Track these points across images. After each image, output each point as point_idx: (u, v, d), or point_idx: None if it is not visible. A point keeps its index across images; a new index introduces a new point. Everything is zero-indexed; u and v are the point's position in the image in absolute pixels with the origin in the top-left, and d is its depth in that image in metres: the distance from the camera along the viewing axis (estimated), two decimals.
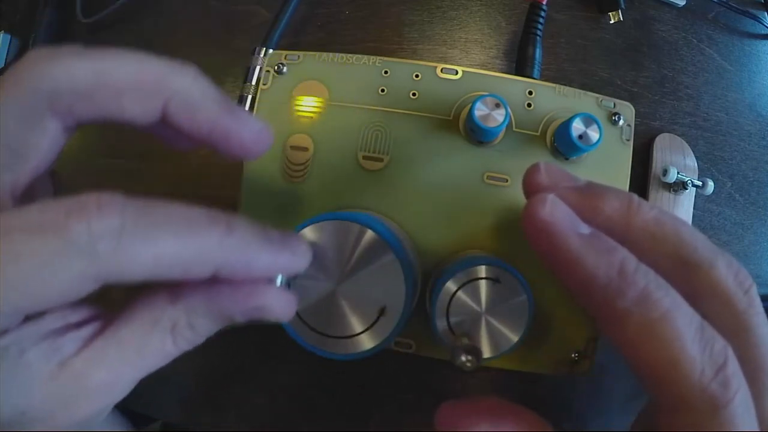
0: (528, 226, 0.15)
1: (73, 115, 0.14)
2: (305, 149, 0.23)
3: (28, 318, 0.13)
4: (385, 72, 0.23)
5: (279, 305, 0.15)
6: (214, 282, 0.14)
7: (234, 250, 0.14)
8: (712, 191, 0.24)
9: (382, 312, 0.17)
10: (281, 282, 0.16)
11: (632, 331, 0.13)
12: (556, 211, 0.14)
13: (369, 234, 0.17)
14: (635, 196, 0.15)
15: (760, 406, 0.14)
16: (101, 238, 0.12)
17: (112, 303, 0.15)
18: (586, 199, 0.15)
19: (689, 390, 0.13)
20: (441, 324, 0.18)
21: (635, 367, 0.14)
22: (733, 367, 0.13)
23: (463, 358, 0.16)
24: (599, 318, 0.14)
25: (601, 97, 0.23)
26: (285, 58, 0.23)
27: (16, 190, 0.14)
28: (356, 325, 0.18)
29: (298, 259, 0.15)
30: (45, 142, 0.14)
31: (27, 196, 0.15)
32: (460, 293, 0.18)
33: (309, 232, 0.17)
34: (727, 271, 0.14)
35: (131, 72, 0.14)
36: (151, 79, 0.14)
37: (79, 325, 0.14)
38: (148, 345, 0.14)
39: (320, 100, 0.23)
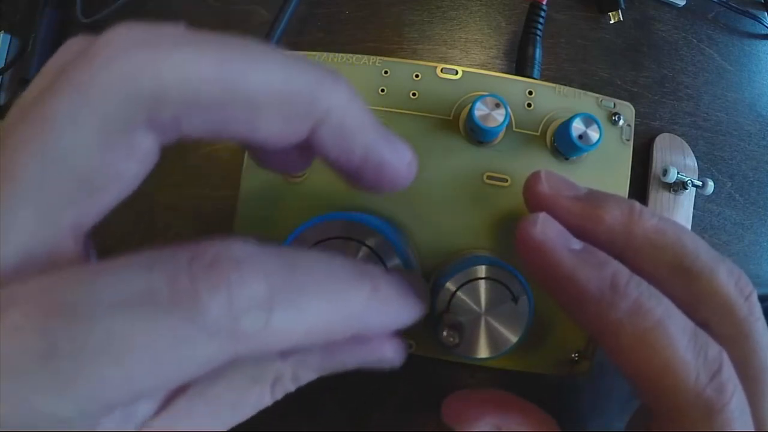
0: (521, 246, 0.15)
1: (180, 129, 0.10)
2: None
3: None
4: (385, 72, 0.23)
5: (396, 353, 0.14)
6: None
7: (378, 313, 0.12)
8: (712, 191, 0.24)
9: None
10: None
11: (626, 341, 0.13)
12: (547, 230, 0.14)
13: (371, 234, 0.17)
14: (636, 204, 0.15)
15: (761, 410, 0.14)
16: (247, 313, 0.09)
17: None
18: (588, 207, 0.15)
19: (684, 395, 0.13)
20: (441, 324, 0.18)
21: (630, 376, 0.14)
22: (728, 372, 0.13)
23: (445, 333, 0.16)
24: (593, 331, 0.14)
25: (601, 97, 0.23)
26: None
27: (79, 229, 0.10)
28: None
29: (421, 313, 0.14)
30: (131, 167, 0.10)
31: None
32: (460, 293, 0.18)
33: (311, 233, 0.17)
34: (728, 279, 0.14)
35: (276, 77, 0.10)
36: (302, 91, 0.10)
37: None
38: (245, 401, 0.12)
39: None
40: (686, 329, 0.13)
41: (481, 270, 0.18)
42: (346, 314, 0.11)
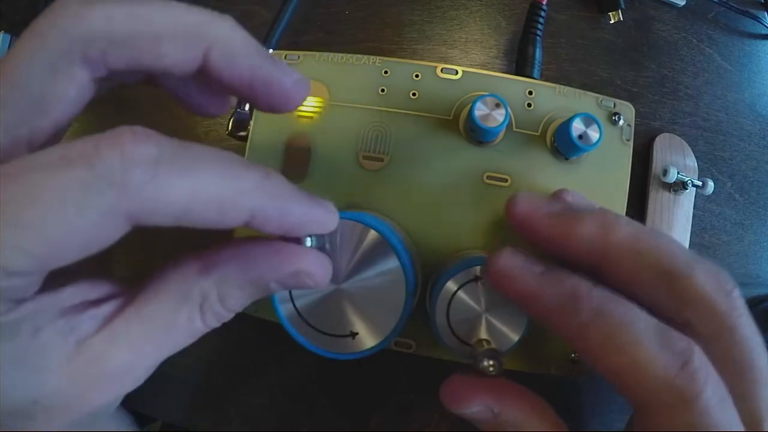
0: (492, 277, 0.17)
1: (106, 63, 0.13)
2: (305, 149, 0.23)
3: (44, 289, 0.12)
4: (385, 72, 0.23)
5: (318, 269, 0.15)
6: (245, 249, 0.14)
7: (271, 196, 0.13)
8: (712, 191, 0.24)
9: (382, 312, 0.17)
10: (312, 244, 0.15)
11: (593, 343, 0.14)
12: (511, 261, 0.16)
13: (371, 234, 0.17)
14: (610, 214, 0.16)
15: (750, 403, 0.14)
16: (136, 166, 0.11)
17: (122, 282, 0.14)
18: (563, 223, 0.16)
19: (656, 387, 0.13)
20: (441, 324, 0.18)
21: (604, 375, 0.14)
22: (700, 361, 0.14)
23: (486, 363, 0.17)
24: (565, 338, 0.15)
25: (601, 97, 0.23)
26: (285, 58, 0.23)
27: (33, 143, 0.13)
28: (357, 324, 0.18)
29: (329, 216, 0.15)
30: (71, 92, 0.13)
31: None
32: (460, 293, 0.18)
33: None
34: (707, 277, 0.15)
35: (171, 17, 0.13)
36: (192, 25, 0.13)
37: (98, 302, 0.13)
38: (175, 322, 0.13)
39: (320, 100, 0.23)
40: (650, 326, 0.14)
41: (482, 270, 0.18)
42: (236, 189, 0.12)
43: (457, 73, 0.23)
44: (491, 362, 0.17)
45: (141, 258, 0.25)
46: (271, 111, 0.15)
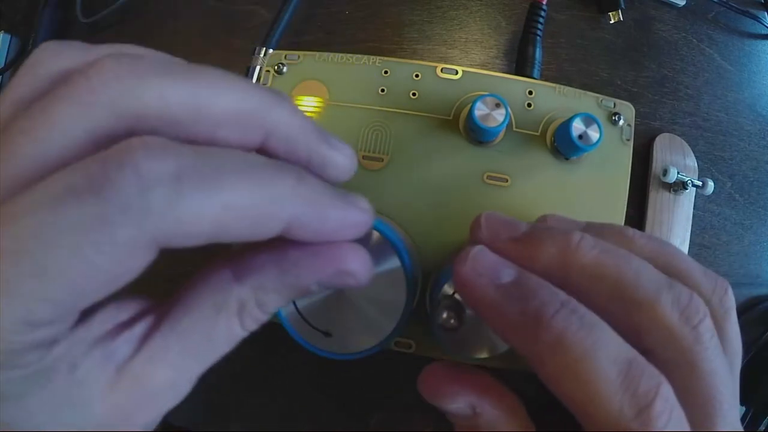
0: (454, 284, 0.15)
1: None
2: None
3: (74, 324, 0.11)
4: (385, 72, 0.23)
5: (360, 266, 0.14)
6: (282, 251, 0.13)
7: (307, 201, 0.12)
8: (712, 191, 0.24)
9: (382, 312, 0.17)
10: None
11: (550, 371, 0.13)
12: (477, 266, 0.15)
13: (371, 234, 0.17)
14: (575, 237, 0.15)
15: None
16: (156, 186, 0.10)
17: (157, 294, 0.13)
18: (524, 248, 0.15)
19: (608, 427, 0.13)
20: (441, 324, 0.18)
21: (559, 399, 0.14)
22: (662, 405, 0.13)
23: (445, 315, 0.16)
24: (523, 357, 0.14)
25: (601, 97, 0.23)
26: (285, 58, 0.23)
27: None
28: (357, 325, 0.18)
29: (365, 217, 0.14)
30: None
31: None
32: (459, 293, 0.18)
33: None
34: (672, 308, 0.14)
35: (232, 101, 0.12)
36: (252, 111, 0.12)
37: (130, 322, 0.12)
38: (215, 332, 0.12)
39: (320, 100, 0.23)
40: (618, 360, 0.13)
41: None
42: (270, 197, 0.11)
43: (457, 73, 0.23)
44: (451, 314, 0.16)
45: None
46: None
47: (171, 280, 0.14)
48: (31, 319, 0.10)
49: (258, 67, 0.24)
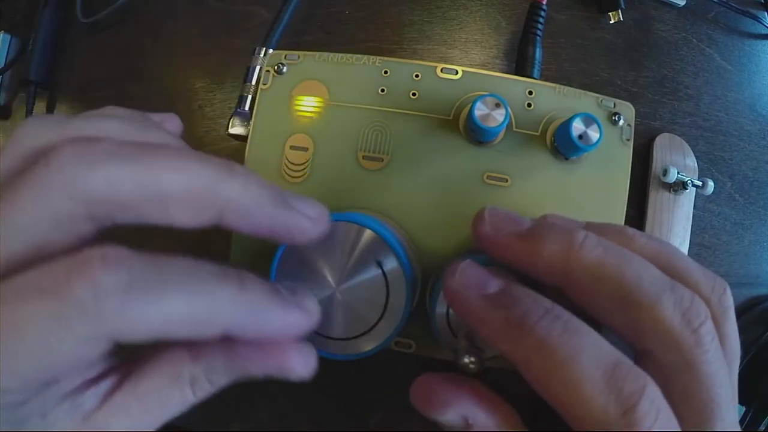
0: (444, 296, 0.16)
1: (113, 220, 0.13)
2: (305, 149, 0.23)
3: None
4: (385, 72, 0.23)
5: (299, 364, 0.15)
6: (232, 342, 0.14)
7: (245, 310, 0.13)
8: (712, 191, 0.24)
9: (382, 312, 0.17)
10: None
11: (535, 375, 0.14)
12: (463, 279, 0.15)
13: (370, 235, 0.17)
14: (579, 236, 0.15)
15: None
16: (107, 296, 0.11)
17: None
18: (527, 244, 0.16)
19: (593, 427, 0.13)
20: (441, 324, 0.18)
21: (547, 402, 0.14)
22: (649, 405, 0.13)
23: (466, 360, 0.16)
24: (511, 362, 0.15)
25: (601, 97, 0.23)
26: (285, 58, 0.23)
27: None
28: (356, 325, 0.18)
29: (307, 318, 0.15)
30: (75, 244, 0.13)
31: None
32: None
33: None
34: (673, 310, 0.14)
35: (180, 180, 0.13)
36: (202, 188, 0.13)
37: (97, 379, 0.14)
38: (169, 397, 0.14)
39: (320, 100, 0.23)
40: (602, 363, 0.13)
41: None
42: (211, 309, 0.13)
43: (457, 73, 0.23)
44: (472, 359, 0.16)
45: None
46: (294, 244, 0.16)
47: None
48: (1, 387, 0.11)
49: (258, 67, 0.24)
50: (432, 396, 0.16)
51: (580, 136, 0.20)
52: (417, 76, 0.23)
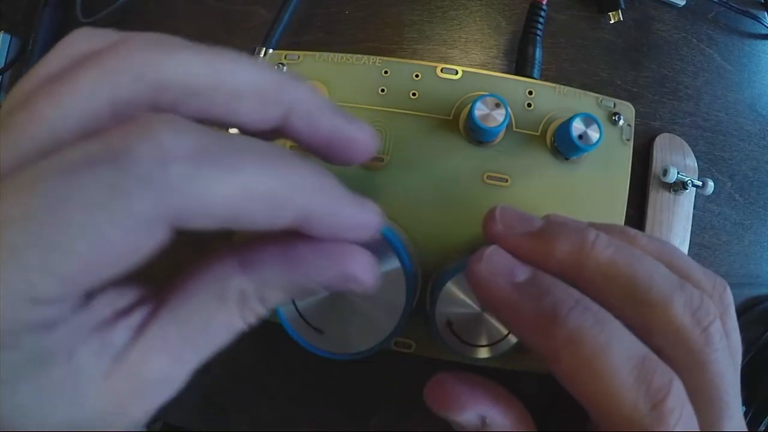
0: (470, 283, 0.16)
1: (175, 111, 0.12)
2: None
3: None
4: (385, 72, 0.23)
5: (367, 274, 0.13)
6: (290, 245, 0.13)
7: (323, 192, 0.12)
8: (712, 191, 0.24)
9: (382, 312, 0.17)
10: None
11: (565, 368, 0.14)
12: (492, 266, 0.15)
13: (378, 242, 0.17)
14: (590, 236, 0.15)
15: None
16: (175, 161, 0.09)
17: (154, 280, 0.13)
18: (538, 244, 0.15)
19: (623, 422, 0.13)
20: (441, 324, 0.18)
21: (575, 397, 0.14)
22: (675, 401, 0.13)
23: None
24: (539, 355, 0.14)
25: (601, 97, 0.23)
26: (285, 58, 0.23)
27: None
28: (357, 325, 0.18)
29: (377, 218, 0.14)
30: None
31: None
32: (460, 293, 0.18)
33: None
34: (684, 310, 0.14)
35: (252, 75, 0.12)
36: (272, 86, 0.13)
37: (129, 310, 0.12)
38: (214, 323, 0.12)
39: None
40: (631, 356, 0.13)
41: None
42: (288, 183, 0.11)
43: (457, 73, 0.23)
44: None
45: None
46: (342, 165, 0.15)
47: None
48: (33, 295, 0.09)
49: None
50: (448, 397, 0.16)
51: (580, 136, 0.20)
52: (417, 76, 0.23)
